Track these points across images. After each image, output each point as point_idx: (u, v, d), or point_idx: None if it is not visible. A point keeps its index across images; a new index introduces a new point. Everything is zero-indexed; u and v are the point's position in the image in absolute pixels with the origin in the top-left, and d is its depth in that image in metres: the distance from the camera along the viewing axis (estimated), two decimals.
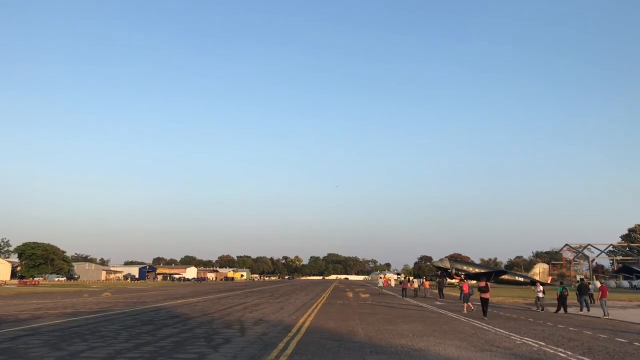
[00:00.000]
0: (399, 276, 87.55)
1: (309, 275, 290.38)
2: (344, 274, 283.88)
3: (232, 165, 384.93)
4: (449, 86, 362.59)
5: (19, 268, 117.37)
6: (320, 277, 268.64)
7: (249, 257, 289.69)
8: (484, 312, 23.76)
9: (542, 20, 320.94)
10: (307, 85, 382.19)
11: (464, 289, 29.41)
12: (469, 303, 28.14)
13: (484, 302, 24.18)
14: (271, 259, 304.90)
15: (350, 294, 50.07)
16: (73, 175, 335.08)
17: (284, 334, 16.41)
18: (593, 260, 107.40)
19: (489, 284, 25.06)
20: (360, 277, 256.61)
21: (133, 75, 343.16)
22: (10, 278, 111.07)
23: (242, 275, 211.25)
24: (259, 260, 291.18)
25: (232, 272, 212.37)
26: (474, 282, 63.48)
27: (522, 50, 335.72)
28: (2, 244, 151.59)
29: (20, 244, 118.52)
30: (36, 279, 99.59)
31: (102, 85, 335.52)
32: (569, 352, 12.89)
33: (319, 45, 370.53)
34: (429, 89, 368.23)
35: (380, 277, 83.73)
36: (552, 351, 13.07)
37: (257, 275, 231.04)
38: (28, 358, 11.27)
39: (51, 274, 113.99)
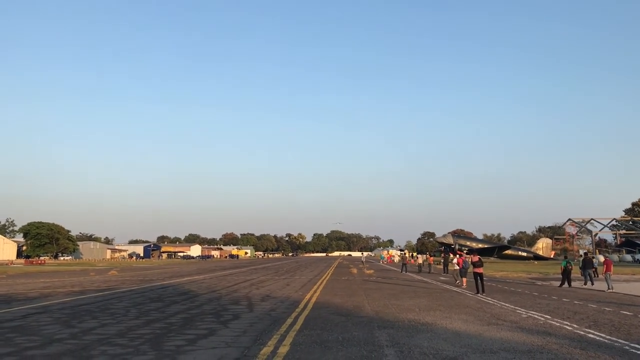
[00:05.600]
0: (402, 252, 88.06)
1: (313, 252, 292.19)
2: (347, 251, 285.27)
3: (236, 144, 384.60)
4: (449, 59, 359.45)
5: (24, 248, 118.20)
6: (324, 254, 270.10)
7: (253, 234, 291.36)
8: (477, 288, 23.10)
9: None
10: (309, 62, 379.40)
11: (459, 263, 29.74)
12: (464, 278, 28.47)
13: (479, 277, 23.54)
14: (275, 236, 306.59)
15: (355, 270, 50.40)
16: (77, 155, 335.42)
17: (292, 309, 16.56)
18: (596, 234, 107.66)
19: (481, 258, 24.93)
20: (365, 254, 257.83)
21: (137, 56, 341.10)
22: (16, 257, 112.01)
23: (246, 253, 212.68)
24: (263, 237, 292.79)
25: (236, 249, 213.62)
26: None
27: (528, 21, 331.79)
28: (7, 223, 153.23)
29: (25, 223, 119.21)
30: (42, 258, 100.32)
31: (105, 65, 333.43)
32: (575, 325, 12.99)
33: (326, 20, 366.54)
34: (431, 63, 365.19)
35: (363, 254, 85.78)
36: (558, 324, 13.17)
37: (260, 253, 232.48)
38: (41, 335, 11.40)
39: (55, 253, 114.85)
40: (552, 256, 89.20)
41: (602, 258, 33.70)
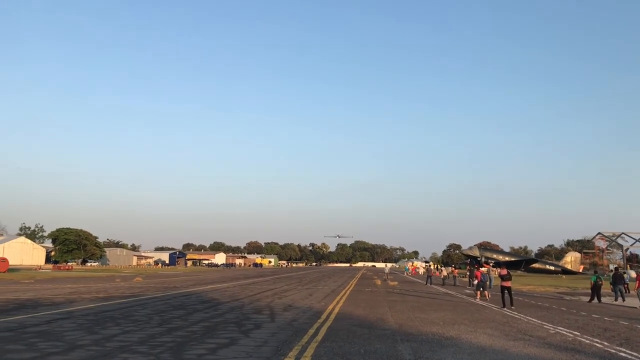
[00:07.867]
0: (427, 264, 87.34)
1: (336, 262, 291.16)
2: (371, 262, 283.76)
3: (259, 152, 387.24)
4: (470, 66, 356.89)
5: (53, 253, 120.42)
6: (348, 265, 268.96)
7: (277, 243, 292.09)
8: (504, 302, 22.57)
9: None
10: (321, 76, 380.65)
11: (477, 276, 29.48)
12: (486, 291, 28.10)
13: (507, 290, 22.91)
14: (298, 245, 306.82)
15: (379, 282, 49.97)
16: (105, 162, 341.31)
17: (314, 320, 16.42)
18: (627, 249, 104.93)
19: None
20: (388, 265, 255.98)
21: (163, 62, 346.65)
22: (45, 263, 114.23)
23: (269, 262, 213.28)
24: (287, 246, 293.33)
25: (260, 258, 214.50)
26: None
27: (551, 26, 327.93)
28: (36, 229, 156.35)
29: (54, 229, 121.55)
30: (70, 263, 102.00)
31: (131, 69, 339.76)
32: (606, 343, 12.57)
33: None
34: (447, 71, 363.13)
35: (386, 265, 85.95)
36: (588, 342, 12.76)
37: (284, 262, 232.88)
38: (64, 341, 11.48)
39: (82, 259, 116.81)
40: (580, 270, 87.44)
41: (633, 274, 32.80)
